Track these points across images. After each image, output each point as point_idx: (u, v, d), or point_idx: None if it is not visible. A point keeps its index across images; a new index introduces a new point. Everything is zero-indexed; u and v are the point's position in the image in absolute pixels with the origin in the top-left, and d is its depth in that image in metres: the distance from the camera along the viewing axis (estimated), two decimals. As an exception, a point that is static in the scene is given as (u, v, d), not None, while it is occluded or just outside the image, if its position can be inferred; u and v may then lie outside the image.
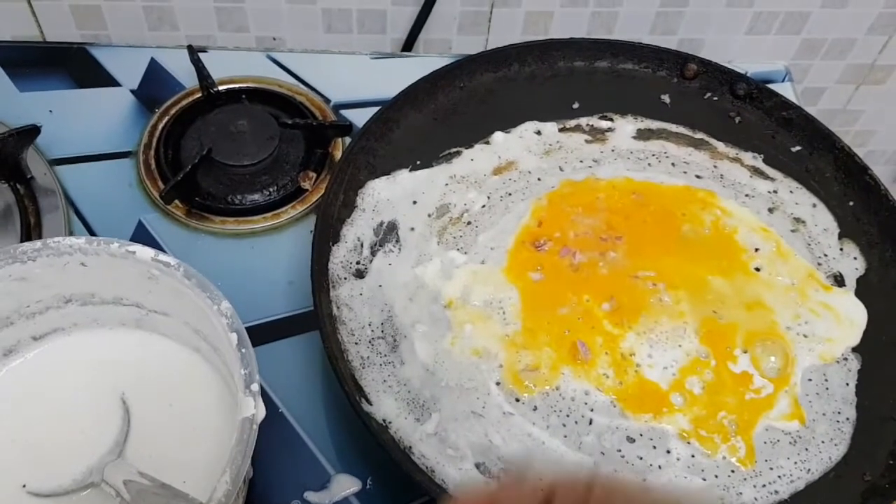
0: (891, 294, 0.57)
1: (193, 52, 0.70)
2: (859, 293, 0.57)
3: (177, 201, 0.64)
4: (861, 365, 0.54)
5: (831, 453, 0.50)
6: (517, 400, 0.51)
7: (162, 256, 0.47)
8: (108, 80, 0.73)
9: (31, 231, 0.61)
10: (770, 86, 0.67)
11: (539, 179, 0.61)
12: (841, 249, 0.59)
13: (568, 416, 0.50)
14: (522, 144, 0.63)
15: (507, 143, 0.63)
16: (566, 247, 0.57)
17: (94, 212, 0.64)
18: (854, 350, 0.54)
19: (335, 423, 0.55)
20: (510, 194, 0.61)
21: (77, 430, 0.50)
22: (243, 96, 0.71)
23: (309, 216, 0.65)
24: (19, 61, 0.73)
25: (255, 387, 0.44)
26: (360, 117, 0.70)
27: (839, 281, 0.57)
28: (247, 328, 0.45)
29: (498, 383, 0.51)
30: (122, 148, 0.68)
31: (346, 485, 0.52)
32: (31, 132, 0.64)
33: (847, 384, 0.53)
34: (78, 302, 0.52)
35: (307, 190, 0.66)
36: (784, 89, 0.75)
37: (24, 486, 0.48)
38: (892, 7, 0.81)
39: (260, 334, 0.58)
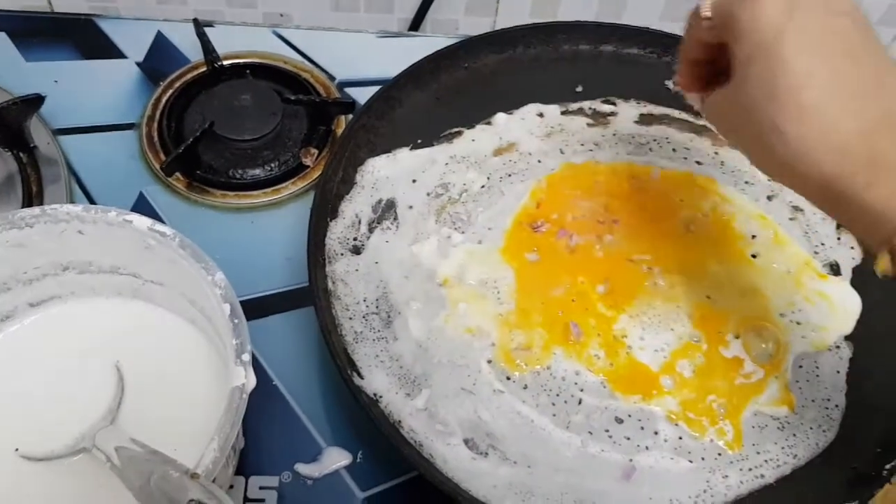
0: (885, 284, 0.56)
1: (199, 25, 0.70)
2: (854, 282, 0.57)
3: (178, 174, 0.64)
4: (853, 353, 0.54)
5: (819, 440, 0.50)
6: (508, 378, 0.51)
7: (158, 226, 0.48)
8: (115, 52, 0.73)
9: (32, 200, 0.62)
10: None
11: (539, 161, 0.61)
12: (838, 239, 0.59)
13: (558, 395, 0.50)
14: (524, 126, 0.63)
15: (508, 125, 0.63)
16: (563, 229, 0.57)
17: (95, 182, 0.65)
18: (846, 338, 0.54)
19: (328, 398, 0.55)
20: (510, 175, 0.61)
21: (71, 396, 0.51)
22: (248, 71, 0.71)
23: (309, 192, 0.65)
24: (26, 31, 0.74)
25: (246, 356, 0.44)
26: (364, 95, 0.69)
27: (835, 270, 0.57)
28: (244, 302, 0.46)
29: (489, 361, 0.51)
30: (126, 120, 0.69)
31: (337, 458, 0.53)
32: (35, 101, 0.64)
33: (838, 372, 0.53)
34: (75, 270, 0.52)
35: (309, 166, 0.66)
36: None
37: (16, 449, 0.49)
38: (902, -2, 0.80)
39: (257, 308, 0.58)
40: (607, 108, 0.65)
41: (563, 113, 0.65)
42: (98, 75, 0.72)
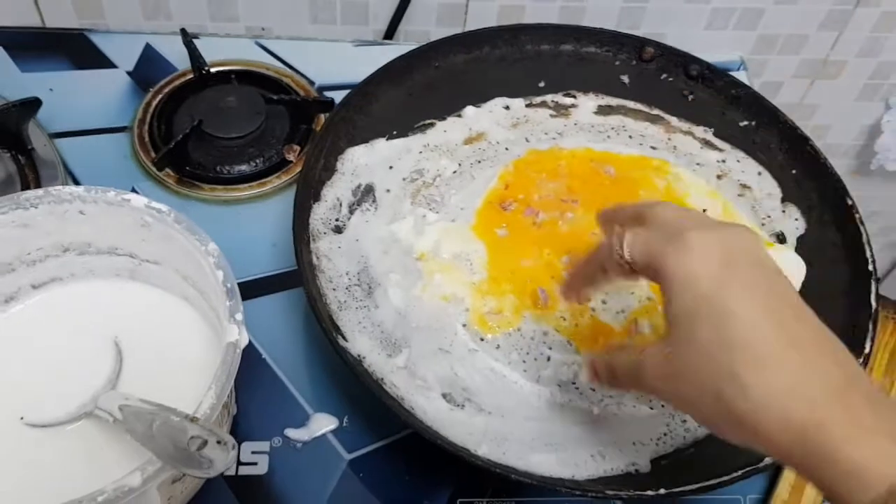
0: (827, 251, 0.62)
1: (186, 34, 0.75)
2: (799, 250, 0.62)
3: (168, 170, 0.68)
4: (799, 312, 0.58)
5: (769, 388, 0.54)
6: (482, 339, 0.55)
7: (154, 203, 0.52)
8: (105, 63, 0.78)
9: (31, 197, 0.65)
10: (725, 73, 0.73)
11: (507, 149, 0.66)
12: (783, 211, 0.64)
13: (528, 353, 0.54)
14: (492, 118, 0.68)
15: (477, 117, 0.68)
16: (530, 207, 0.62)
17: (91, 181, 0.68)
18: (793, 299, 0.59)
19: (314, 369, 0.59)
20: (480, 161, 0.65)
21: (73, 369, 0.54)
22: (233, 77, 0.75)
23: (293, 185, 0.69)
24: (21, 45, 0.78)
25: (240, 316, 0.48)
26: (342, 97, 0.74)
27: (781, 239, 0.62)
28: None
29: (464, 325, 0.55)
30: (118, 123, 0.73)
31: (324, 423, 0.56)
32: (33, 104, 0.68)
33: (785, 328, 0.57)
34: (75, 251, 0.56)
35: (291, 161, 0.70)
36: (739, 77, 0.80)
37: (21, 418, 0.52)
38: (840, 4, 0.86)
39: (245, 291, 0.61)
40: (568, 100, 0.71)
41: (527, 105, 0.70)
42: (90, 83, 0.76)
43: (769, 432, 0.35)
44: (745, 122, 0.69)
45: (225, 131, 0.70)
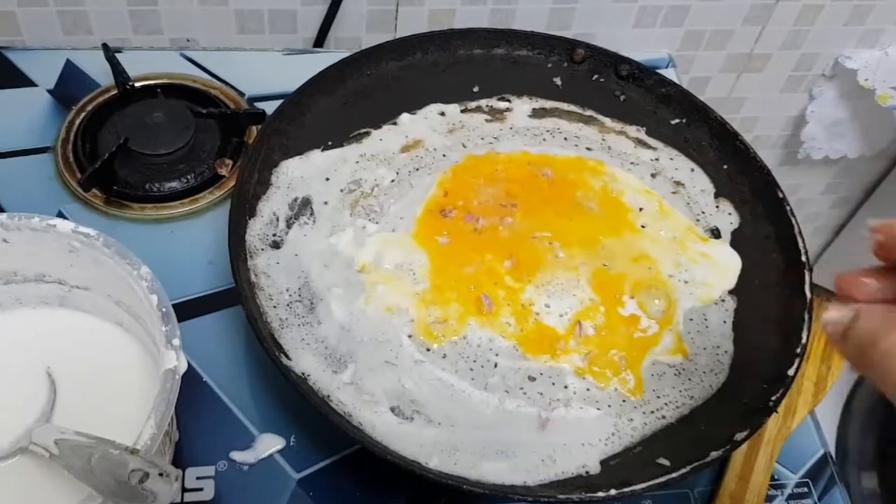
0: (761, 244, 0.63)
1: (108, 49, 0.72)
2: (734, 244, 0.63)
3: (95, 190, 0.66)
4: (737, 305, 0.60)
5: (712, 382, 0.55)
6: (427, 350, 0.55)
7: (82, 228, 0.50)
8: (24, 81, 0.75)
9: (-51, 223, 0.62)
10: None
11: (444, 155, 0.66)
12: (717, 207, 0.65)
13: (475, 361, 0.54)
14: (427, 124, 0.68)
15: (413, 124, 0.68)
16: (470, 213, 0.61)
17: (14, 205, 0.65)
18: (730, 292, 0.60)
19: (257, 388, 0.58)
20: (418, 169, 0.65)
21: (3, 403, 0.52)
22: (159, 91, 0.73)
23: (227, 201, 0.67)
24: (-69, 66, 0.74)
25: (177, 341, 0.46)
26: (274, 108, 0.73)
27: (716, 234, 0.64)
28: (169, 305, 0.48)
29: (410, 336, 0.55)
30: (41, 144, 0.70)
31: (271, 443, 0.55)
32: (-53, 127, 0.65)
33: (724, 322, 0.58)
34: (0, 280, 0.54)
35: (224, 176, 0.69)
36: (668, 74, 0.82)
37: (-49, 458, 0.49)
38: (762, -1, 0.89)
39: (182, 311, 0.60)
40: (503, 104, 0.71)
41: (462, 111, 0.70)
42: (9, 103, 0.73)
43: None
44: (677, 120, 0.71)
45: (153, 148, 0.68)
